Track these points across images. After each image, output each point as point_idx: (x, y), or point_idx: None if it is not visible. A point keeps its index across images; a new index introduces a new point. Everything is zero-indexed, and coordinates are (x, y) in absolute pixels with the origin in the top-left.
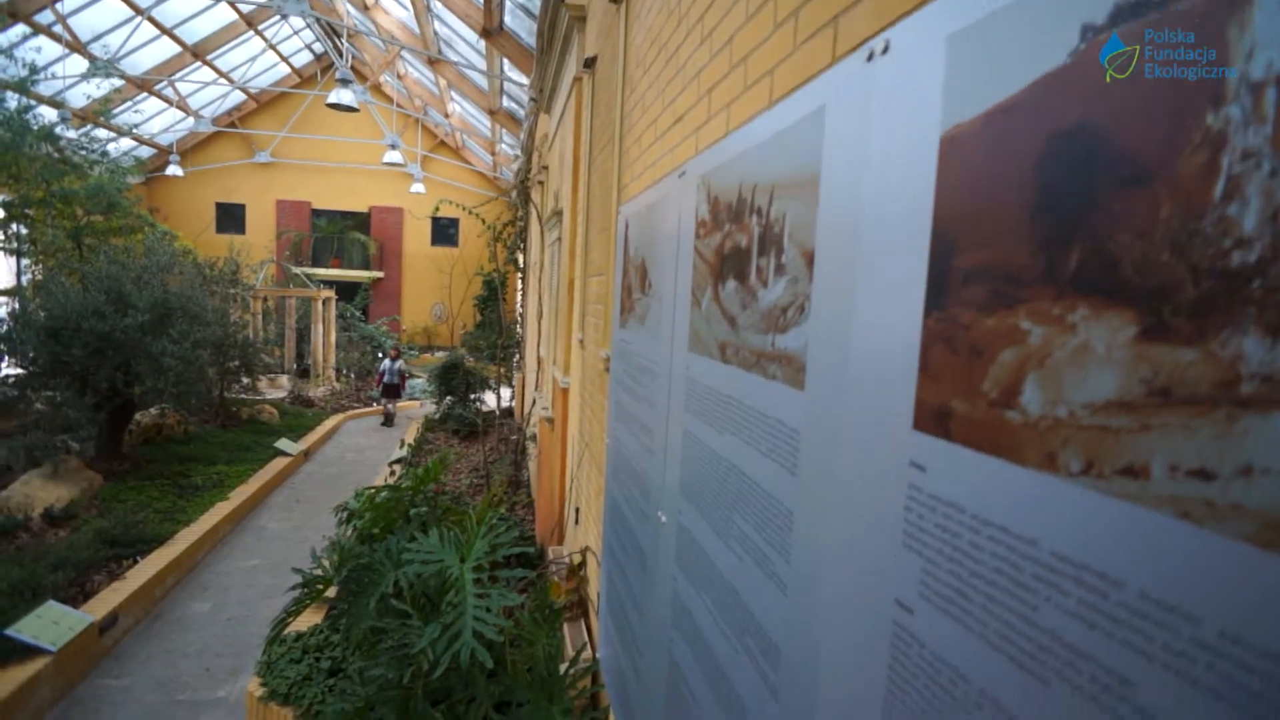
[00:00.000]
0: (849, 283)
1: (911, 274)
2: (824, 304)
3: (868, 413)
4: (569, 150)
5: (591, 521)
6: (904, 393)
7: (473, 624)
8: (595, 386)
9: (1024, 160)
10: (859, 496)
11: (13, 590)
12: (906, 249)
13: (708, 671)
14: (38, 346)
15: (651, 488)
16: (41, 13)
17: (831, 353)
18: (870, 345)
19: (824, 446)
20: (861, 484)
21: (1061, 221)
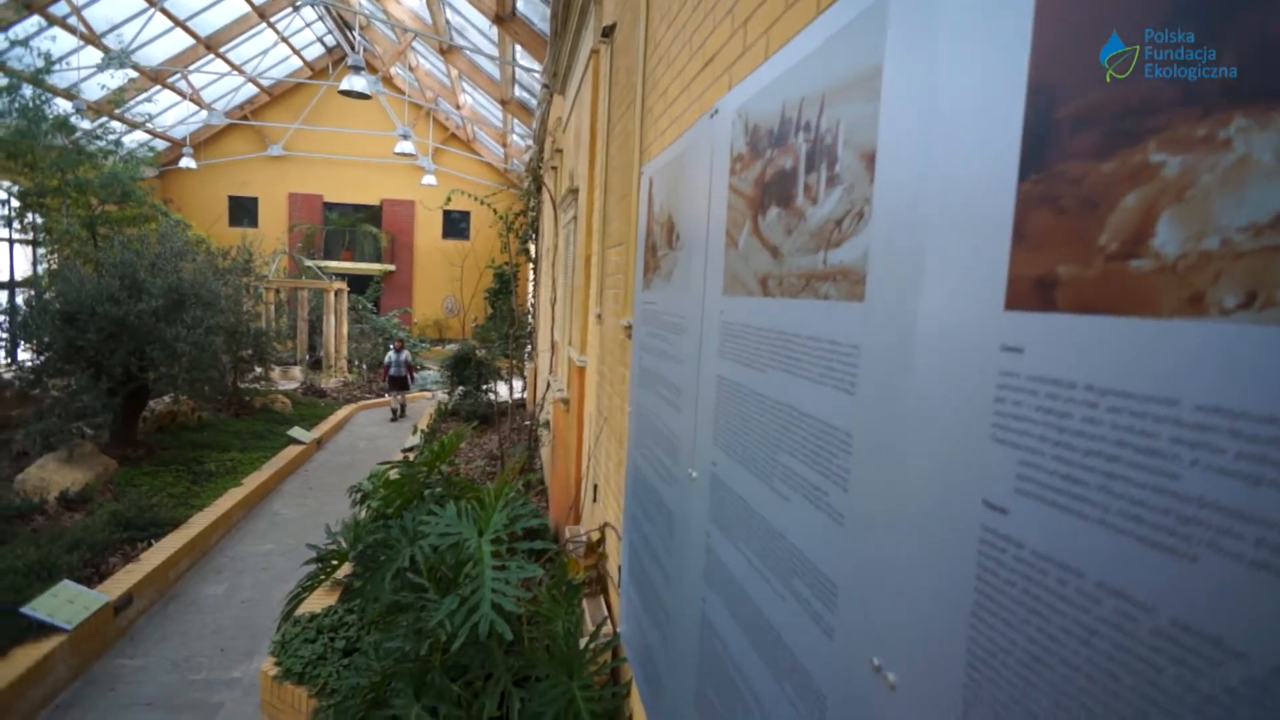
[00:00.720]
0: (919, 171)
1: (1002, 143)
2: (888, 202)
3: (944, 309)
4: (585, 126)
5: (611, 497)
6: (992, 274)
7: (491, 596)
8: (615, 359)
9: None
10: (933, 401)
11: (28, 570)
12: (994, 116)
13: (747, 623)
14: (53, 331)
15: (680, 446)
16: (55, 4)
17: (898, 254)
18: (948, 234)
19: (887, 357)
20: (937, 386)
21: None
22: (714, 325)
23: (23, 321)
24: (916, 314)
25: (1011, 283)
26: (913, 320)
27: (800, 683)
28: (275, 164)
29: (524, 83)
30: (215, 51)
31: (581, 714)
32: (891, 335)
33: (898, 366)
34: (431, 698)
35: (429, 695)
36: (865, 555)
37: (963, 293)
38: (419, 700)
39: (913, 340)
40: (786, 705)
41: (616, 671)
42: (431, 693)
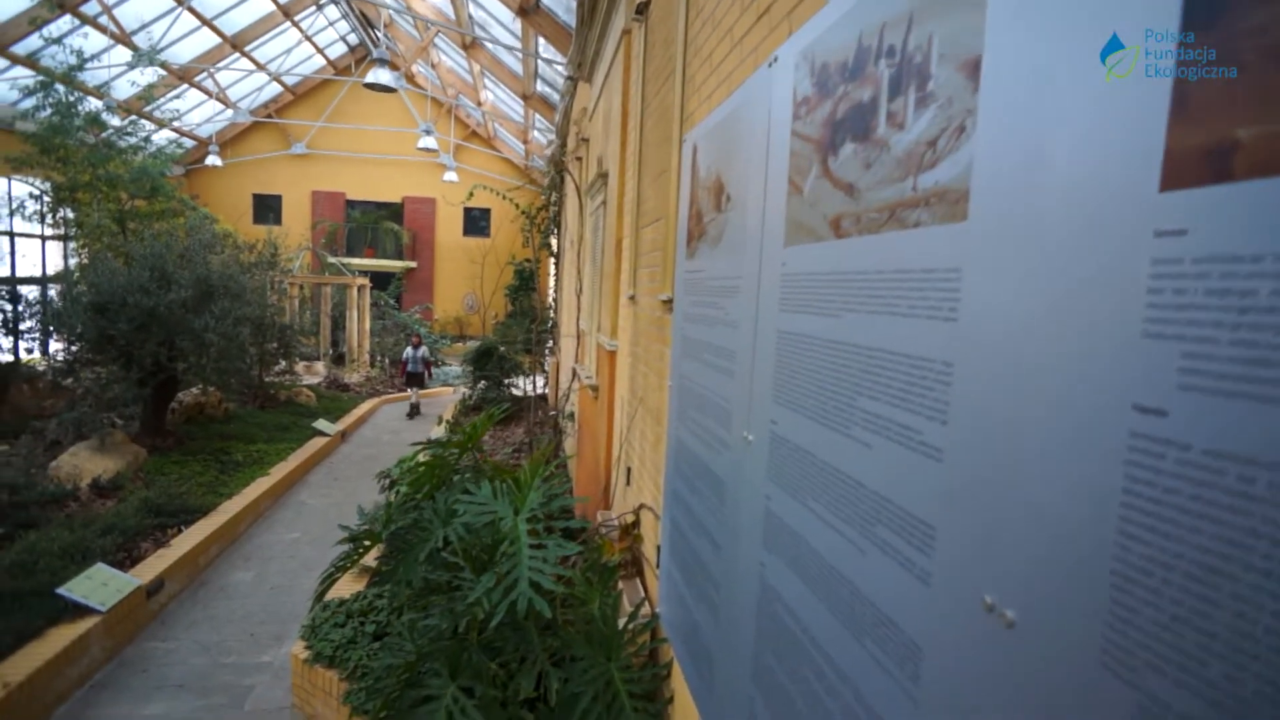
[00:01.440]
0: (1039, 64)
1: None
2: (998, 105)
3: (1079, 207)
4: (616, 109)
5: (646, 477)
6: (1142, 156)
7: (529, 574)
8: (651, 337)
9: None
10: (1060, 312)
11: (63, 553)
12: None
13: (816, 583)
14: (85, 322)
15: (733, 412)
16: (87, 3)
17: (1011, 161)
18: (1077, 126)
19: (997, 276)
20: (1065, 295)
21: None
22: (773, 280)
23: (55, 313)
24: (1038, 222)
25: (1169, 159)
26: (1031, 230)
27: (886, 637)
28: (299, 162)
29: (546, 77)
30: (241, 50)
31: (620, 695)
32: (1003, 250)
33: (1011, 283)
34: (467, 677)
35: (464, 675)
36: (972, 489)
37: (1100, 187)
38: (454, 680)
39: (1030, 252)
40: (868, 663)
41: (655, 652)
42: (467, 672)
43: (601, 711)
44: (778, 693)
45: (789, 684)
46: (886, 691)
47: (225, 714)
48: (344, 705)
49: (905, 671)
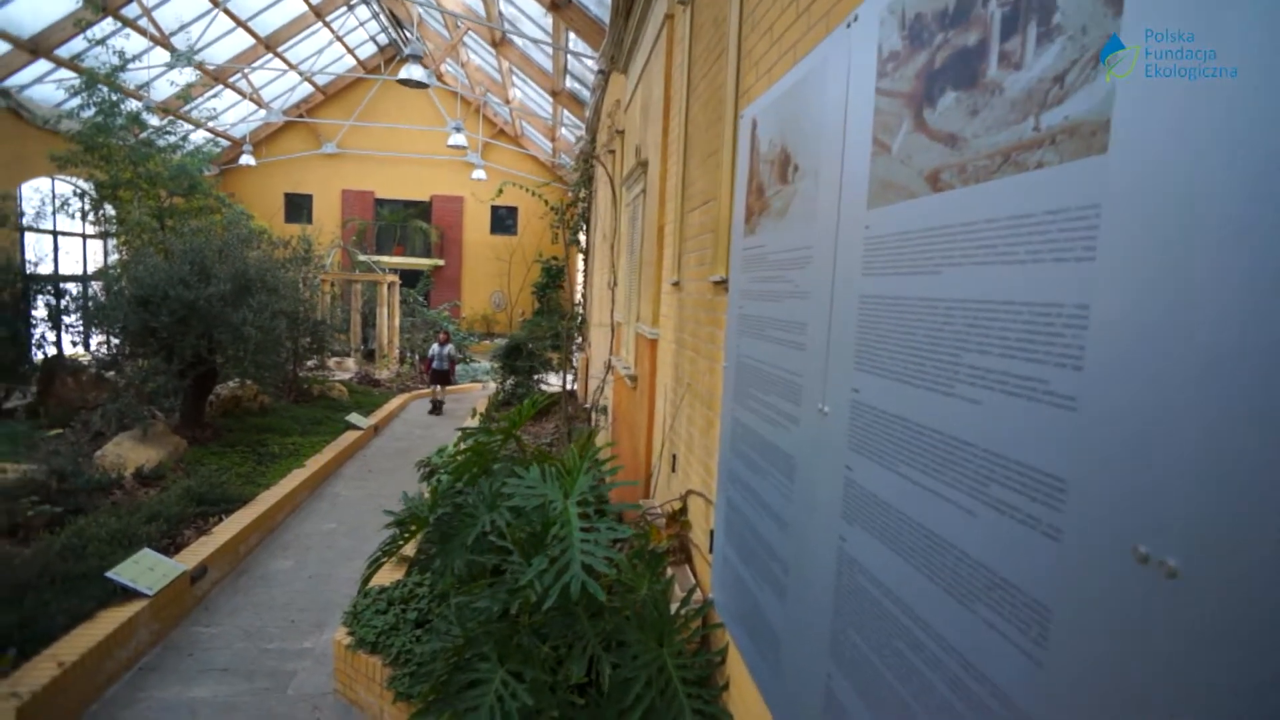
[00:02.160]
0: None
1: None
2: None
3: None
4: (657, 96)
5: (695, 463)
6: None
7: (581, 557)
8: (700, 320)
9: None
10: (1235, 230)
11: (111, 538)
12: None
13: (912, 551)
14: (128, 314)
15: (804, 385)
16: (127, 5)
17: (1160, 91)
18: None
19: (1141, 209)
20: (1241, 214)
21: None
22: (854, 245)
23: (99, 307)
24: (1193, 149)
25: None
26: (1185, 158)
27: (1003, 600)
28: (329, 161)
29: (575, 72)
30: (274, 51)
31: (673, 680)
32: (1153, 181)
33: (1170, 213)
34: (516, 662)
35: (514, 659)
36: (1117, 435)
37: (1272, 101)
38: (503, 664)
39: (1182, 181)
40: (980, 629)
41: (707, 639)
42: (517, 656)
43: (655, 697)
44: (862, 668)
45: (876, 658)
46: (1004, 656)
47: (270, 698)
48: (387, 691)
49: (1029, 635)
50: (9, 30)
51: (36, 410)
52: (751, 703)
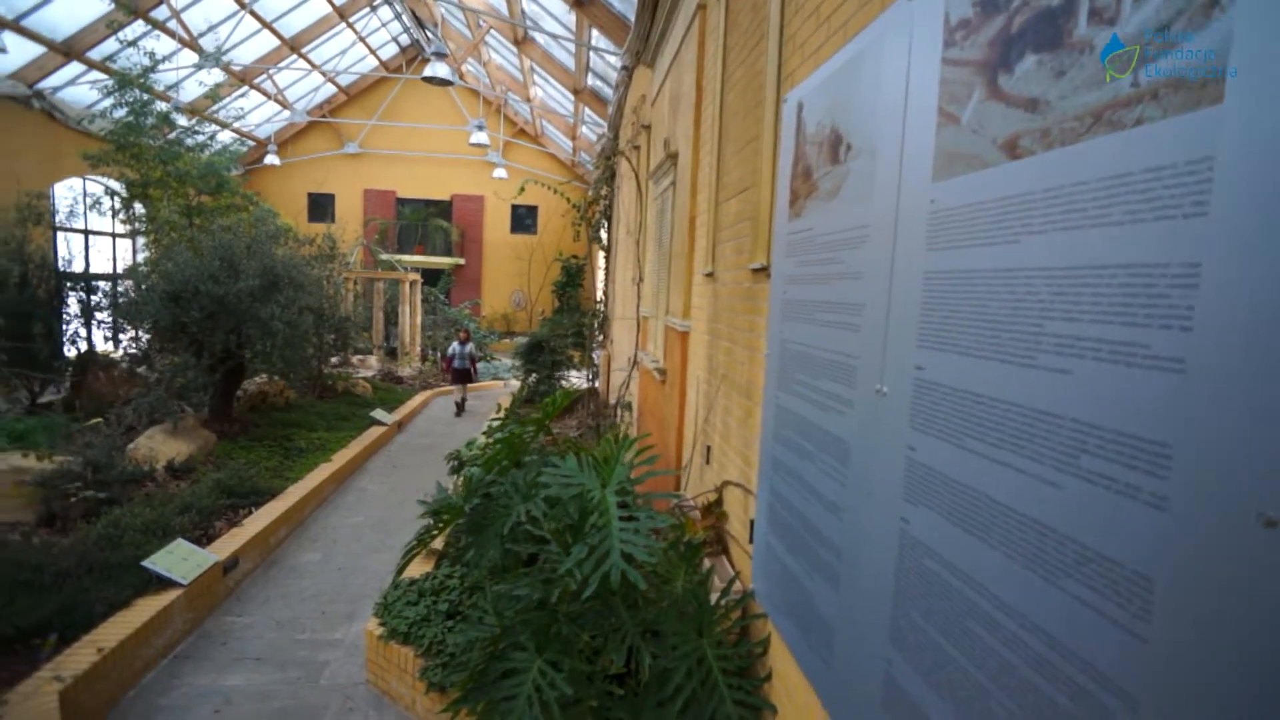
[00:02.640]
0: None
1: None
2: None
3: None
4: (688, 87)
5: (732, 453)
6: None
7: (619, 546)
8: (737, 309)
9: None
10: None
11: (145, 528)
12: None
13: (988, 529)
14: (159, 310)
15: (858, 367)
16: (157, 8)
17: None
18: None
19: (1265, 160)
20: None
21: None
22: (917, 221)
23: (130, 303)
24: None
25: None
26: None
27: (1096, 574)
28: (351, 161)
29: (598, 70)
30: (298, 52)
31: (714, 671)
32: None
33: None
34: (554, 652)
35: (551, 649)
36: (1234, 397)
37: None
38: (540, 654)
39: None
40: (1069, 605)
41: (746, 630)
42: (554, 646)
43: (696, 687)
44: (928, 652)
45: (944, 640)
46: (1099, 633)
47: (303, 688)
48: (420, 681)
49: (1130, 609)
50: (43, 33)
51: (71, 404)
52: (798, 693)
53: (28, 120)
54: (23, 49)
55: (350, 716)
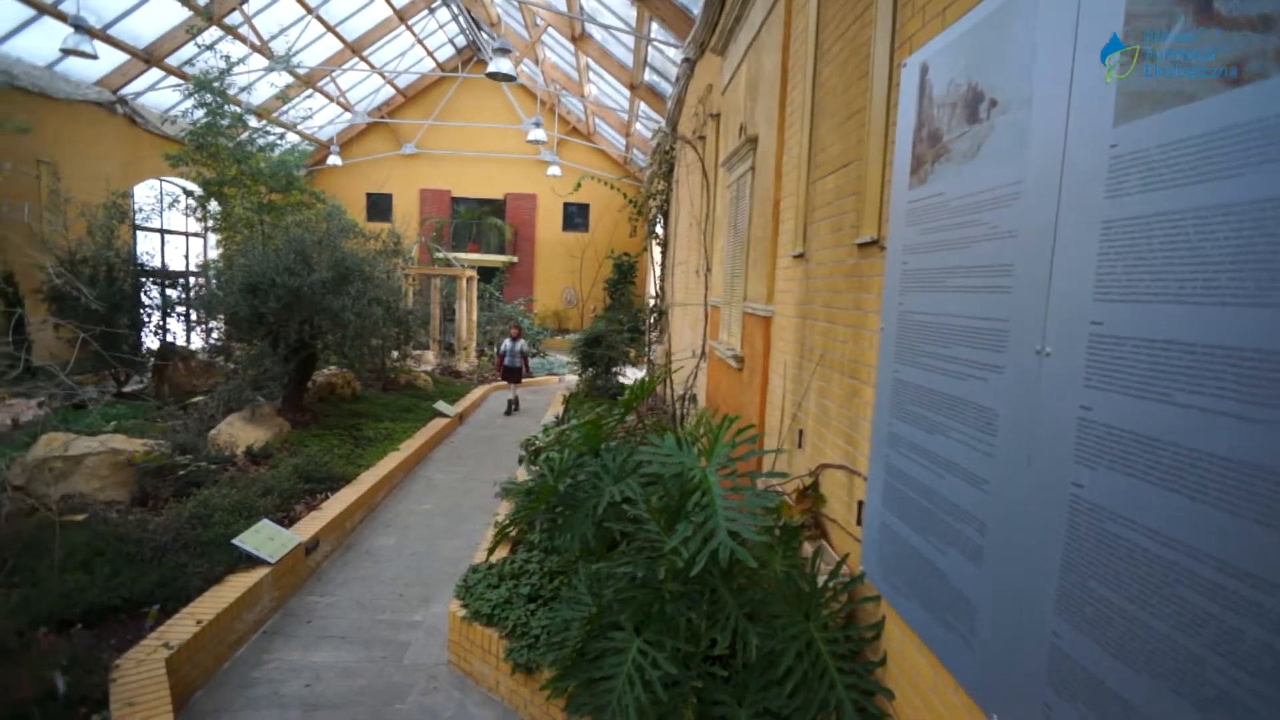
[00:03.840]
0: None
1: None
2: None
3: None
4: (770, 69)
5: (830, 436)
6: None
7: (725, 524)
8: (838, 287)
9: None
10: None
11: (232, 509)
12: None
13: (1205, 488)
14: (238, 301)
15: (1009, 330)
16: (230, 14)
17: None
18: None
19: None
20: None
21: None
22: (1094, 168)
23: (210, 295)
24: None
25: None
26: None
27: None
28: (408, 161)
29: (655, 65)
30: (359, 55)
31: (823, 655)
32: None
33: None
34: (653, 631)
35: (650, 629)
36: None
37: None
38: (639, 634)
39: None
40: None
41: (853, 615)
42: (654, 626)
43: (806, 670)
44: (1112, 623)
45: (1139, 609)
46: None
47: (387, 666)
48: (505, 663)
49: None
50: (127, 41)
51: (152, 393)
52: (922, 676)
53: (111, 125)
54: (108, 56)
55: (434, 696)
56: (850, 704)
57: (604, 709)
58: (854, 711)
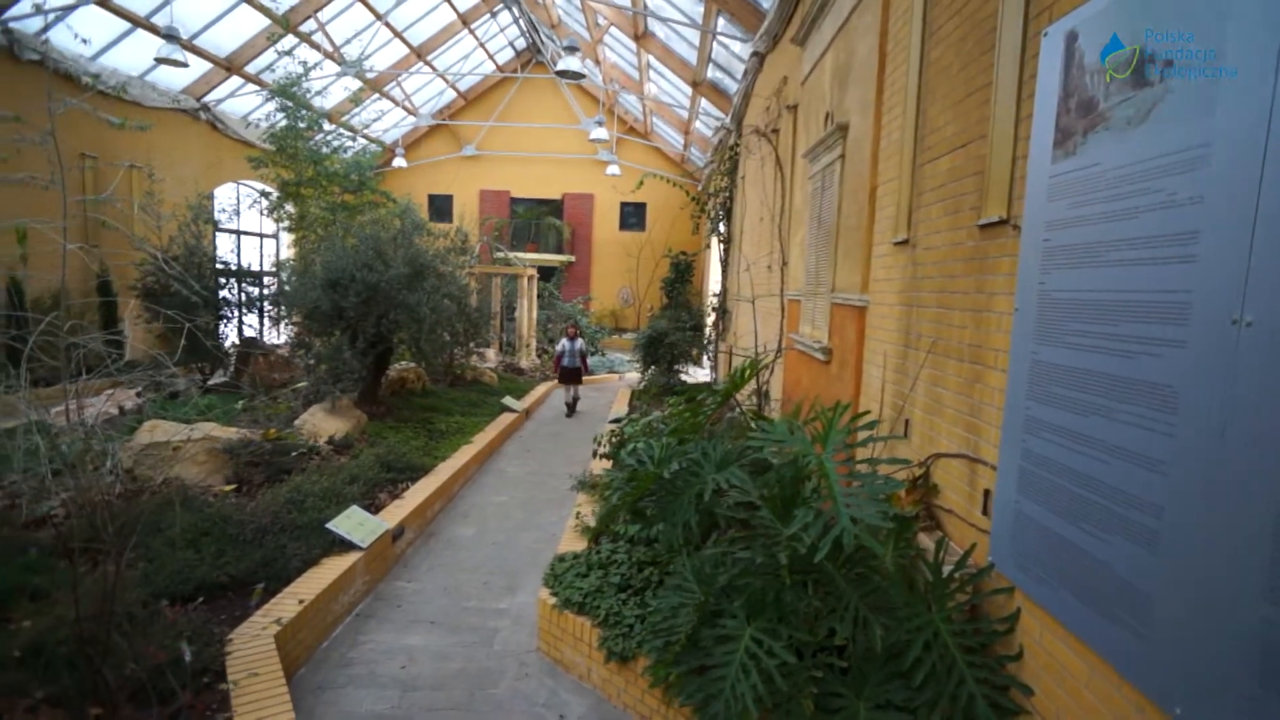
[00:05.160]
0: None
1: None
2: None
3: None
4: (862, 56)
5: (944, 424)
6: None
7: (846, 510)
8: (955, 271)
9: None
10: None
11: (323, 495)
12: None
13: None
14: (320, 296)
15: (1193, 302)
16: (304, 22)
17: None
18: None
19: None
20: None
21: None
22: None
23: (293, 291)
24: None
25: None
26: None
27: None
28: (468, 163)
29: (719, 61)
30: (423, 59)
31: (950, 648)
32: None
33: None
34: (766, 619)
35: (763, 616)
36: None
37: None
38: (751, 622)
39: None
40: None
41: (978, 608)
42: (767, 613)
43: (935, 662)
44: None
45: None
46: None
47: (478, 651)
48: (598, 651)
49: None
50: (210, 50)
51: (250, 384)
52: (1069, 672)
53: (193, 130)
54: (193, 65)
55: (527, 682)
56: (982, 698)
57: (715, 697)
58: (987, 706)
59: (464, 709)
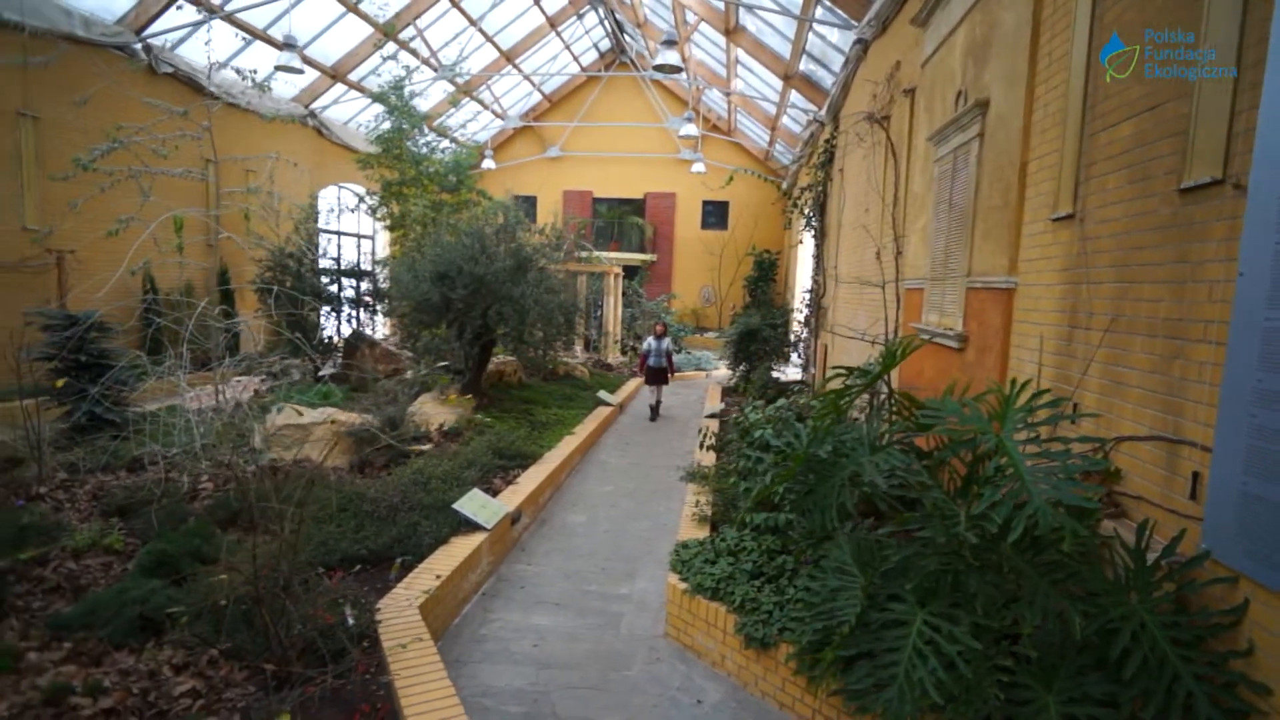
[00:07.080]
0: None
1: None
2: None
3: None
4: (1009, 27)
5: (1129, 406)
6: None
7: (1041, 490)
8: (1144, 242)
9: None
10: None
11: (444, 477)
12: None
13: None
14: (430, 288)
15: None
16: (404, 29)
17: None
18: None
19: None
20: None
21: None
22: None
23: (405, 282)
24: None
25: None
26: None
27: None
28: (551, 164)
29: (813, 52)
30: (512, 62)
31: (1160, 641)
32: None
33: None
34: (941, 604)
35: (938, 601)
36: None
37: None
38: (923, 606)
39: None
40: None
41: (1183, 598)
42: (942, 598)
43: (1146, 655)
44: None
45: None
46: None
47: (605, 634)
48: (734, 636)
49: None
50: (318, 60)
51: (344, 377)
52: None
53: (301, 136)
54: (305, 74)
55: (659, 666)
56: (1204, 695)
57: (887, 684)
58: (1210, 704)
59: (599, 689)
